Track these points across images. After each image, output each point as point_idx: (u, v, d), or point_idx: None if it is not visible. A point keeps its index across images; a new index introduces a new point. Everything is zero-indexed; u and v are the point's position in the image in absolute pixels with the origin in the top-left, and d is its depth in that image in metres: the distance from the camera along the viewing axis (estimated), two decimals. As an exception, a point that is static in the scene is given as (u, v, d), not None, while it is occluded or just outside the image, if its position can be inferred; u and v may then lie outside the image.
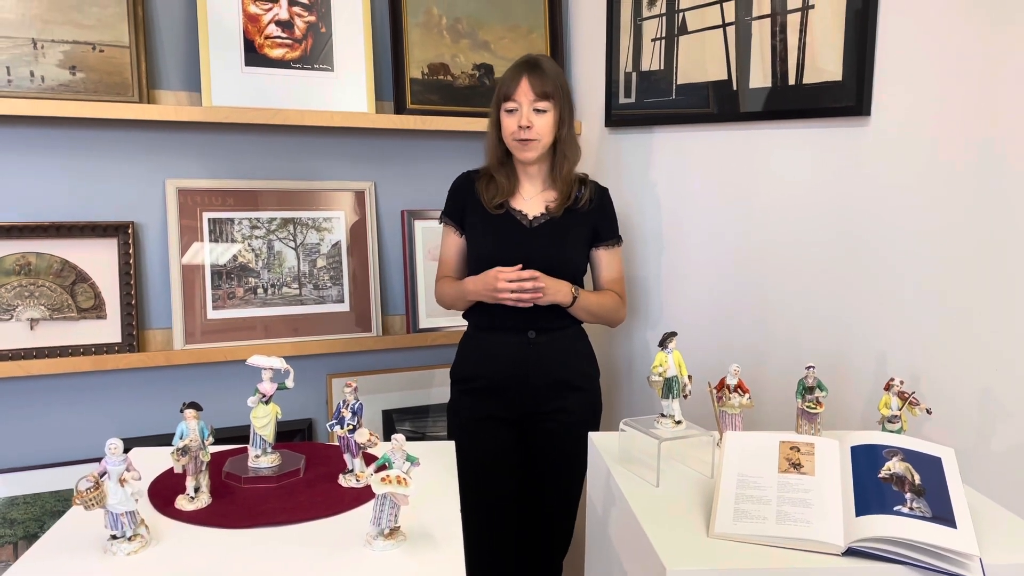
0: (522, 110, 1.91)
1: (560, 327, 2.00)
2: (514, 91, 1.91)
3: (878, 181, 1.72)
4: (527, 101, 1.91)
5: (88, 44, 2.04)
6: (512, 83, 1.92)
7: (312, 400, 2.40)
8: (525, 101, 1.91)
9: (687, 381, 1.45)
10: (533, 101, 1.91)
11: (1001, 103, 1.49)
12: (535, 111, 1.91)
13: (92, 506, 1.08)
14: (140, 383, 2.20)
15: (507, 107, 1.93)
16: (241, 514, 1.23)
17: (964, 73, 1.55)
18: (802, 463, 1.28)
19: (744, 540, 1.16)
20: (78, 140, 2.10)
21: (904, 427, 1.43)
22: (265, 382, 1.38)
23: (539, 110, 1.92)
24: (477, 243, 2.02)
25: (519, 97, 1.91)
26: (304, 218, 2.34)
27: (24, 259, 2.04)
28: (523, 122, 1.90)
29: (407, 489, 1.11)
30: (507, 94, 1.92)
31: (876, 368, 1.74)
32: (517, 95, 1.91)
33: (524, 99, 1.91)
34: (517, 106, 1.92)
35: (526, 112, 1.91)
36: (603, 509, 1.49)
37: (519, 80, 1.91)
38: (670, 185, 2.25)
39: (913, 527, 1.11)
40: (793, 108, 1.86)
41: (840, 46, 1.75)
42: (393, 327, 2.48)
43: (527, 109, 1.91)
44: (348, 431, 1.34)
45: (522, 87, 1.91)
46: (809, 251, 1.88)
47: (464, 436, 1.97)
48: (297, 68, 2.26)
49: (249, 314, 2.27)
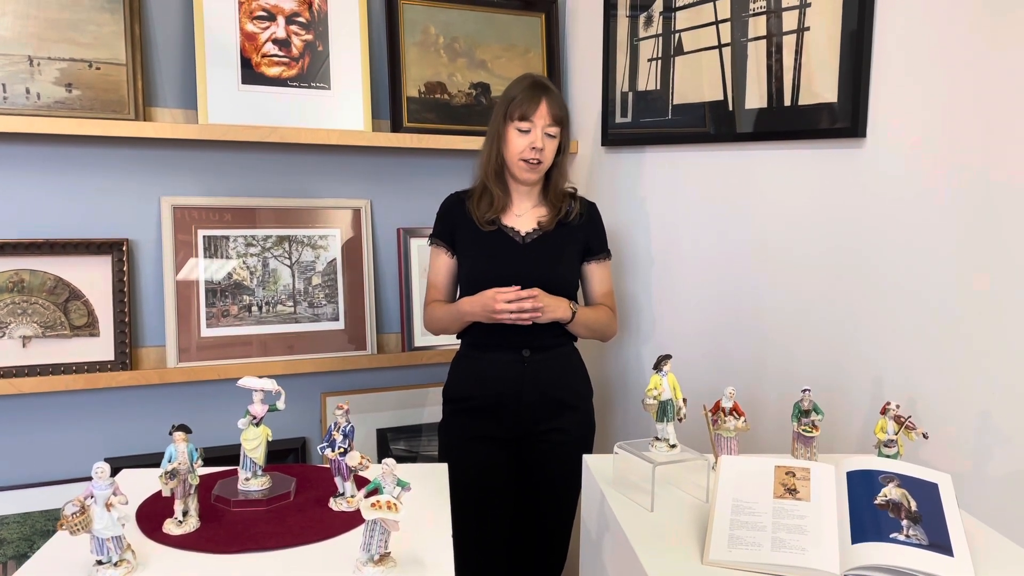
0: (536, 132, 1.91)
1: (555, 345, 1.99)
2: (532, 112, 1.91)
3: (873, 202, 1.72)
4: (541, 124, 1.91)
5: (84, 62, 2.04)
6: (530, 104, 1.91)
7: (306, 418, 2.38)
8: (540, 124, 1.91)
9: (682, 404, 1.44)
10: (547, 125, 1.91)
11: (996, 124, 1.49)
12: (547, 135, 1.92)
13: (78, 531, 1.06)
14: (133, 401, 2.19)
15: (521, 127, 1.92)
16: (230, 539, 1.21)
17: (959, 95, 1.55)
18: (797, 488, 1.26)
19: (739, 567, 1.15)
20: (73, 157, 2.10)
21: (900, 451, 1.41)
22: (256, 404, 1.36)
23: (550, 135, 1.92)
24: (470, 262, 2.01)
25: (536, 119, 1.91)
26: (300, 236, 2.33)
27: (17, 276, 2.04)
28: (537, 144, 1.91)
29: (397, 515, 1.09)
30: (524, 114, 1.91)
31: (872, 390, 1.73)
32: (535, 117, 1.91)
33: (540, 122, 1.91)
34: (531, 127, 1.92)
35: (539, 135, 1.91)
36: (597, 533, 1.47)
37: (538, 103, 1.91)
38: (665, 204, 2.25)
39: (909, 555, 1.10)
40: (788, 129, 1.86)
41: (836, 68, 1.75)
42: (388, 345, 2.47)
43: (540, 132, 1.91)
44: (339, 454, 1.33)
45: (541, 110, 1.91)
46: (804, 272, 1.87)
47: (457, 456, 1.95)
48: (294, 86, 2.26)
49: (243, 332, 2.25)
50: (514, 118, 1.92)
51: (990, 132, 1.50)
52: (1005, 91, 1.47)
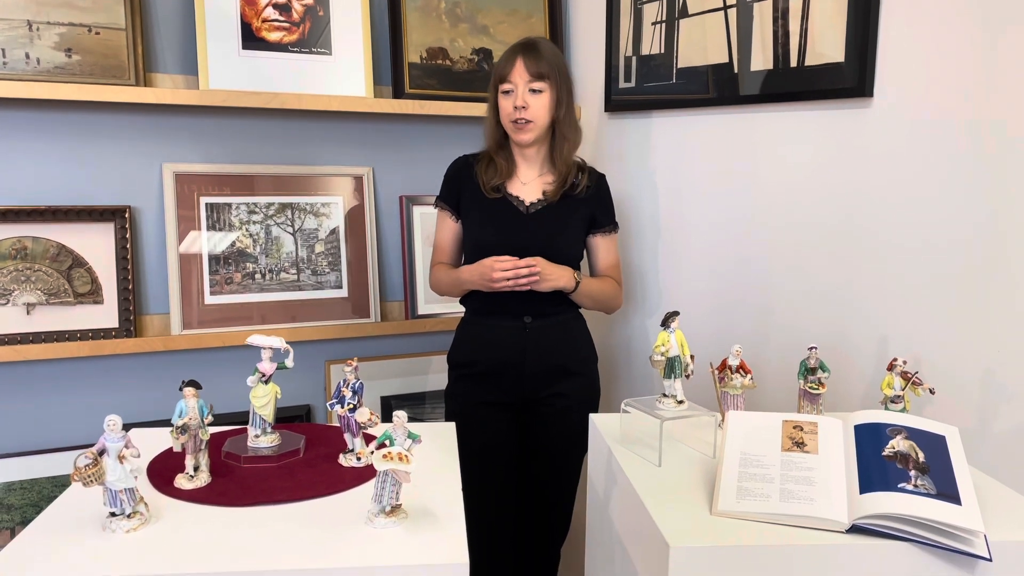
0: (517, 91, 1.90)
1: (557, 313, 1.99)
2: (509, 72, 1.90)
3: (880, 163, 1.71)
4: (522, 82, 1.90)
5: (84, 26, 2.02)
6: (507, 64, 1.91)
7: (310, 386, 2.39)
8: (520, 82, 1.90)
9: (689, 361, 1.45)
10: (528, 82, 1.90)
11: (1004, 83, 1.48)
12: (530, 91, 1.90)
13: (91, 483, 1.07)
14: (138, 368, 2.19)
15: (503, 88, 1.92)
16: (241, 493, 1.22)
17: (967, 53, 1.54)
18: (805, 442, 1.27)
19: (747, 518, 1.16)
20: (74, 123, 2.08)
21: (907, 407, 1.42)
22: (265, 362, 1.36)
23: (535, 90, 1.91)
24: (474, 229, 2.01)
25: (514, 78, 1.90)
26: (302, 203, 2.33)
27: (20, 243, 2.03)
28: (519, 102, 1.89)
29: (409, 466, 1.10)
30: (503, 75, 1.92)
31: (877, 350, 1.73)
32: (512, 76, 1.90)
33: (519, 80, 1.90)
34: (513, 87, 1.91)
35: (521, 93, 1.90)
36: (604, 490, 1.48)
37: (514, 61, 1.90)
38: (670, 170, 2.24)
39: (917, 504, 1.11)
40: (794, 90, 1.85)
41: (842, 27, 1.74)
42: (391, 313, 2.47)
43: (522, 90, 1.90)
44: (348, 410, 1.33)
45: (517, 68, 1.90)
46: (810, 234, 1.87)
47: (462, 421, 1.95)
48: (295, 52, 2.24)
49: (247, 300, 2.25)
50: (498, 83, 1.93)
51: (998, 90, 1.49)
52: (1013, 48, 1.46)
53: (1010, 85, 1.47)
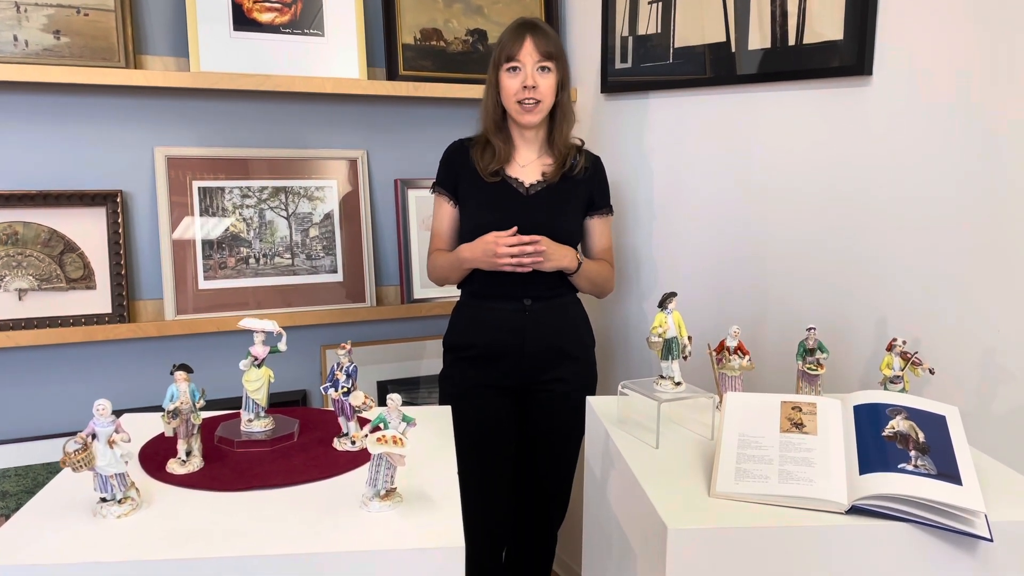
0: (526, 70, 1.87)
1: (556, 295, 1.98)
2: (518, 51, 1.87)
3: (879, 142, 1.69)
4: (531, 61, 1.86)
5: (72, 8, 1.99)
6: (515, 43, 1.87)
7: (305, 371, 2.37)
8: (529, 61, 1.86)
9: (687, 342, 1.43)
10: (538, 61, 1.87)
11: (1004, 62, 1.46)
12: (540, 70, 1.87)
13: (80, 468, 1.05)
14: (131, 354, 2.18)
15: (508, 66, 1.88)
16: (234, 477, 1.20)
17: (966, 31, 1.52)
18: (804, 423, 1.26)
19: (746, 499, 1.15)
20: (64, 106, 2.06)
21: (907, 387, 1.41)
22: (257, 345, 1.35)
23: (545, 68, 1.88)
24: (473, 213, 1.98)
25: (523, 57, 1.87)
26: (296, 187, 2.30)
27: (11, 228, 2.01)
28: (528, 82, 1.86)
29: (403, 449, 1.08)
30: (510, 54, 1.88)
31: (876, 332, 1.72)
32: (521, 55, 1.87)
33: (528, 59, 1.86)
34: (520, 66, 1.87)
35: (530, 72, 1.87)
36: (602, 472, 1.47)
37: (522, 40, 1.87)
38: (667, 151, 2.22)
39: (918, 484, 1.09)
40: (793, 69, 1.83)
41: (840, 5, 1.71)
42: (387, 298, 2.45)
43: (531, 69, 1.87)
44: (343, 394, 1.32)
45: (526, 47, 1.86)
46: (808, 214, 1.85)
47: (458, 404, 1.94)
48: (287, 33, 2.21)
49: (241, 284, 2.23)
50: (503, 62, 1.89)
51: (998, 69, 1.47)
52: (1014, 27, 1.44)
53: (1009, 63, 1.45)
